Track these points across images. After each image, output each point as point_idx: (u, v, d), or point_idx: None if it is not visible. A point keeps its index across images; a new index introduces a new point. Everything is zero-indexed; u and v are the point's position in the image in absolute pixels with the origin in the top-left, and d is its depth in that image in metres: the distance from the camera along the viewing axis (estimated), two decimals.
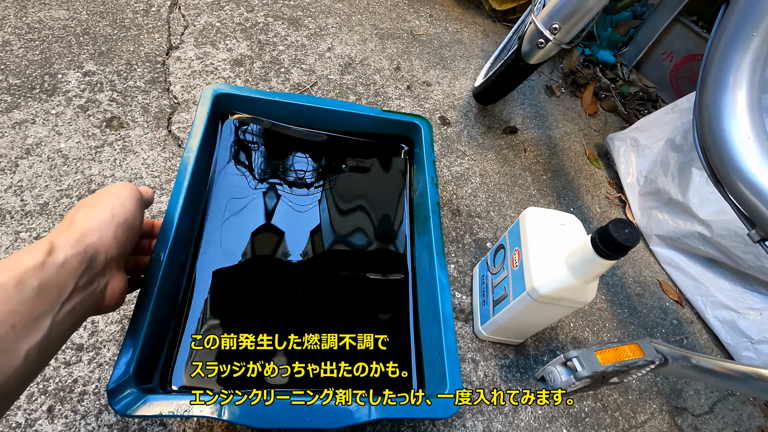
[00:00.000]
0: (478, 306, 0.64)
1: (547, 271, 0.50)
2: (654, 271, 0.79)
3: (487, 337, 0.62)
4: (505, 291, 0.57)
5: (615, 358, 0.45)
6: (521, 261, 0.54)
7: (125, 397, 0.38)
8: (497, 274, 0.61)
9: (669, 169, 0.78)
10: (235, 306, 0.52)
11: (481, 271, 0.67)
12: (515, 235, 0.58)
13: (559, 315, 0.54)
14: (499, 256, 0.61)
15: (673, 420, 0.64)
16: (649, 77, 1.10)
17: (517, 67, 0.70)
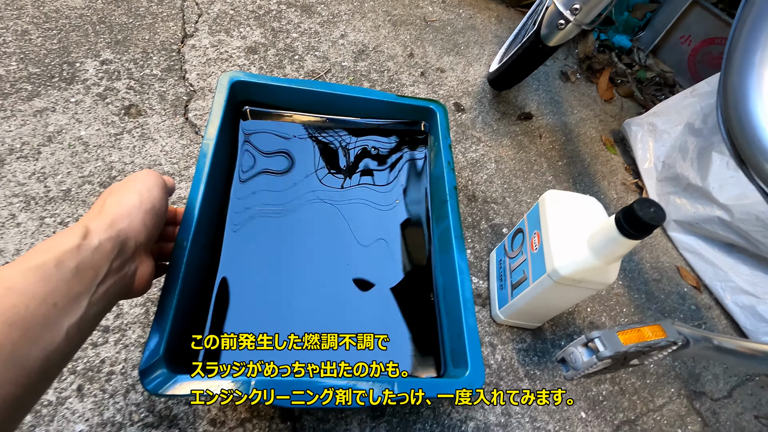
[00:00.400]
0: (496, 290, 0.65)
1: (568, 252, 0.50)
2: (672, 256, 0.79)
3: (505, 320, 0.62)
4: (524, 274, 0.57)
5: (637, 339, 0.44)
6: (541, 244, 0.54)
7: (156, 378, 0.39)
8: (515, 257, 0.61)
9: (688, 153, 0.77)
10: (259, 293, 0.53)
11: (498, 255, 0.67)
12: (534, 219, 0.57)
13: (580, 297, 0.54)
14: (518, 240, 0.61)
15: (691, 404, 0.64)
16: (666, 62, 1.09)
17: (535, 50, 0.69)
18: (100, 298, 0.31)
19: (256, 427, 0.51)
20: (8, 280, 0.27)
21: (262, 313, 0.52)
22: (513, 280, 0.60)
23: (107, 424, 0.48)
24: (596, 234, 0.47)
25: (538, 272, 0.53)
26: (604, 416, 0.60)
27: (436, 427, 0.54)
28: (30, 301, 0.26)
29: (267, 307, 0.52)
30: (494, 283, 0.66)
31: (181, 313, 0.45)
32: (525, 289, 0.56)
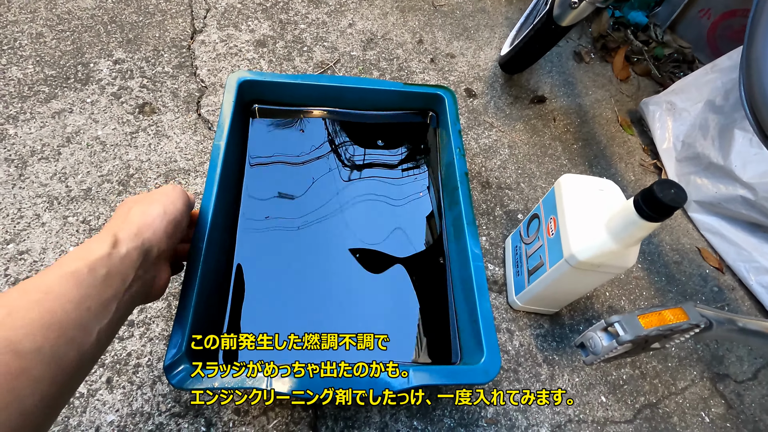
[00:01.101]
0: (512, 277, 0.64)
1: (586, 236, 0.49)
2: (693, 238, 0.77)
3: (522, 306, 0.62)
4: (540, 260, 0.57)
5: (659, 322, 0.44)
6: (557, 228, 0.53)
7: (179, 372, 0.41)
8: (531, 243, 0.60)
9: (708, 132, 0.75)
10: (275, 290, 0.54)
11: (513, 242, 0.66)
12: (550, 203, 0.57)
13: (598, 282, 0.53)
14: (533, 226, 0.61)
15: (714, 386, 0.63)
16: (684, 37, 1.05)
17: (548, 31, 0.67)
18: (125, 303, 0.33)
19: (278, 415, 0.52)
20: (46, 285, 0.28)
21: (279, 309, 0.53)
22: (529, 266, 0.60)
23: (136, 414, 0.50)
24: (614, 217, 0.46)
25: (555, 257, 0.53)
26: (625, 400, 0.59)
27: (455, 414, 0.55)
28: (66, 304, 0.28)
29: (283, 304, 0.53)
30: (510, 270, 0.66)
31: (201, 310, 0.46)
32: (542, 275, 0.56)
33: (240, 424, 0.51)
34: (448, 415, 0.55)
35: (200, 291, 0.45)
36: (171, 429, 0.49)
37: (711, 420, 0.60)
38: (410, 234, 0.60)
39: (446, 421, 0.54)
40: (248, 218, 0.58)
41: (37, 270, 0.57)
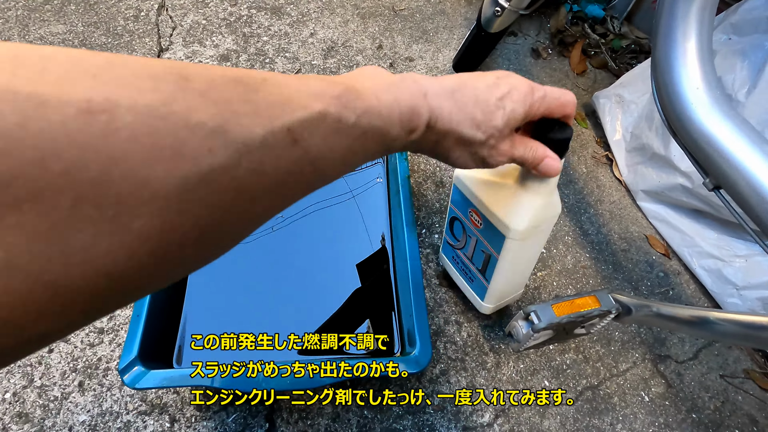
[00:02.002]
0: (469, 288, 0.62)
1: (512, 207, 0.47)
2: (641, 226, 0.80)
3: (495, 307, 0.61)
4: (484, 253, 0.56)
5: (570, 310, 0.47)
6: (483, 217, 0.52)
7: (133, 373, 0.45)
8: (465, 245, 0.60)
9: (653, 122, 0.78)
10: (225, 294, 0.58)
11: (447, 255, 0.64)
12: (461, 200, 0.55)
13: (544, 240, 0.53)
14: (457, 229, 0.59)
15: (655, 367, 0.66)
16: (641, 28, 1.07)
17: (480, 38, 0.70)
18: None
19: (237, 409, 0.56)
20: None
21: (228, 314, 0.57)
22: (478, 265, 0.59)
23: (106, 414, 0.54)
24: (525, 175, 0.45)
25: (496, 242, 0.52)
26: (567, 383, 0.63)
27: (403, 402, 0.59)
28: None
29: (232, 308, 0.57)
30: (463, 282, 0.63)
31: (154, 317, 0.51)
32: (495, 265, 0.54)
33: (201, 419, 0.55)
34: (396, 404, 0.59)
35: (153, 298, 0.50)
36: (138, 426, 0.54)
37: (651, 399, 0.63)
38: (359, 233, 0.64)
39: (395, 409, 0.58)
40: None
41: None
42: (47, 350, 0.58)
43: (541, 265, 0.73)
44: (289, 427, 0.56)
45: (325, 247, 0.63)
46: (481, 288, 0.60)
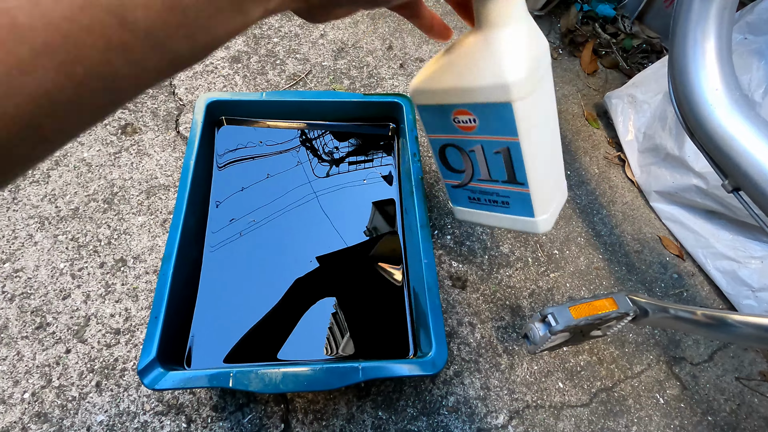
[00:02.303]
0: (510, 215, 0.48)
1: (495, 61, 0.36)
2: (654, 227, 0.79)
3: (552, 216, 0.48)
4: (501, 155, 0.42)
5: (588, 312, 0.47)
6: (473, 107, 0.40)
7: (152, 374, 0.46)
8: (475, 167, 0.46)
9: (666, 123, 0.77)
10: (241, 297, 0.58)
11: (462, 202, 0.51)
12: (438, 114, 0.43)
13: (553, 94, 0.43)
14: (453, 157, 0.46)
15: (670, 369, 0.66)
16: (652, 27, 1.06)
17: None
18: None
19: (252, 410, 0.56)
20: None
21: (242, 312, 0.57)
22: (503, 177, 0.44)
23: (123, 414, 0.55)
24: (481, 16, 0.36)
25: (506, 124, 0.39)
26: (582, 385, 0.63)
27: (418, 403, 0.59)
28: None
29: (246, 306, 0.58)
30: (500, 216, 0.49)
31: (171, 318, 0.51)
32: (522, 156, 0.41)
33: (218, 420, 0.56)
34: (411, 405, 0.59)
35: (170, 300, 0.50)
36: (155, 426, 0.55)
37: (666, 401, 0.63)
38: (372, 233, 0.64)
39: (409, 410, 0.58)
40: (214, 230, 0.63)
41: (32, 286, 0.62)
42: (65, 350, 0.58)
43: (554, 266, 0.73)
44: (304, 428, 0.56)
45: (325, 239, 0.63)
46: (523, 202, 0.45)
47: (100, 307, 0.62)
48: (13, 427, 0.53)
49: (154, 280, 0.64)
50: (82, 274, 0.64)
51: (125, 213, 0.70)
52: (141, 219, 0.70)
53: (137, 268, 0.65)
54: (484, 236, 0.74)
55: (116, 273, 0.65)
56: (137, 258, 0.66)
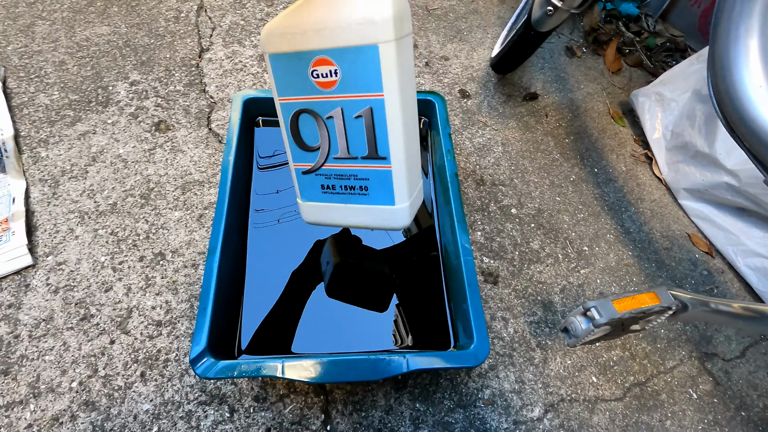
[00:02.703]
0: (368, 204, 0.45)
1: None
2: (683, 224, 0.80)
3: (412, 205, 0.46)
4: (363, 118, 0.39)
5: (632, 306, 0.48)
6: (334, 53, 0.36)
7: (203, 364, 0.47)
8: (331, 137, 0.41)
9: (696, 121, 0.78)
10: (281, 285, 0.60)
11: (312, 194, 0.47)
12: (294, 65, 0.39)
13: (412, 51, 0.41)
14: (307, 125, 0.41)
15: (702, 365, 0.66)
16: (676, 26, 1.06)
17: (528, 37, 0.71)
18: None
19: (293, 401, 0.57)
20: None
21: (286, 305, 0.58)
22: (362, 148, 0.41)
23: (168, 403, 0.56)
24: None
25: (370, 75, 0.37)
26: (615, 380, 0.63)
27: (454, 396, 0.60)
28: None
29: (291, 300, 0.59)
30: (357, 209, 0.46)
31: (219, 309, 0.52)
32: (386, 119, 0.38)
33: (259, 410, 0.57)
34: (448, 398, 0.60)
35: (218, 291, 0.51)
36: (199, 415, 0.56)
37: (699, 396, 0.64)
38: (411, 231, 0.65)
39: (446, 402, 0.59)
40: (257, 222, 0.64)
41: (74, 279, 0.64)
42: (109, 341, 0.60)
43: (584, 262, 0.73)
44: (344, 419, 0.57)
45: (362, 235, 0.64)
46: (384, 184, 0.41)
47: (141, 299, 0.63)
48: (63, 414, 0.55)
49: (192, 273, 0.66)
50: (122, 268, 0.65)
51: (162, 208, 0.71)
52: (177, 214, 0.71)
53: (176, 261, 0.67)
54: (514, 232, 0.75)
55: (155, 266, 0.66)
56: (175, 252, 0.67)
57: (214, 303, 0.52)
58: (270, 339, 0.56)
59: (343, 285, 0.59)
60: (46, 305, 0.62)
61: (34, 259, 0.65)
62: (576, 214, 0.79)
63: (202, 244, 0.68)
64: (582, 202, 0.80)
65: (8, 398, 0.55)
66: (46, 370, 0.57)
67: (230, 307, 0.57)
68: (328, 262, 0.60)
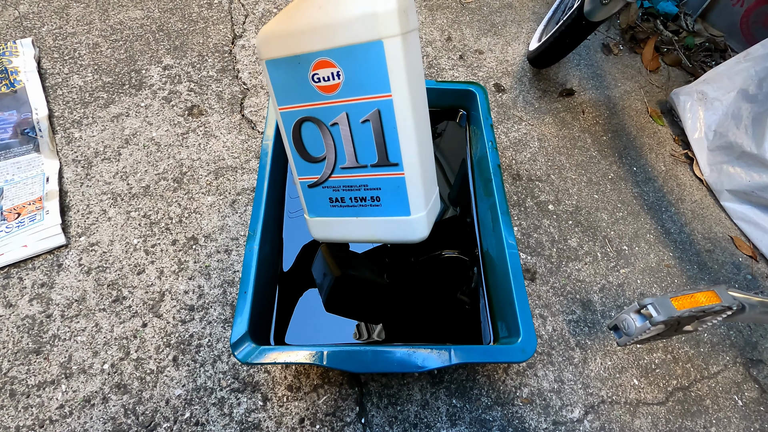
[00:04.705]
0: (381, 216, 0.42)
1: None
2: (725, 227, 0.77)
3: (429, 214, 0.43)
4: (371, 122, 0.37)
5: (691, 304, 0.46)
6: (337, 54, 0.34)
7: (244, 349, 0.45)
8: (337, 145, 0.39)
9: (742, 121, 0.75)
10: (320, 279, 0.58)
11: (320, 208, 0.45)
12: (293, 71, 0.36)
13: (419, 47, 0.39)
14: (310, 134, 0.39)
15: (747, 371, 0.64)
16: (716, 26, 1.04)
17: (578, 27, 0.69)
18: None
19: (327, 392, 0.56)
20: None
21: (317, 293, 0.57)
22: (372, 156, 0.38)
23: (201, 389, 0.55)
24: None
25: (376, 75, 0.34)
26: (657, 383, 0.61)
27: (491, 393, 0.58)
28: None
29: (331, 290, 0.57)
30: (369, 222, 0.43)
31: (260, 294, 0.51)
32: (395, 122, 0.36)
33: (293, 399, 0.55)
34: (485, 394, 0.58)
35: (257, 276, 0.50)
36: (232, 402, 0.54)
37: (744, 404, 0.61)
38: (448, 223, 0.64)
39: (483, 399, 0.57)
40: (291, 210, 0.63)
41: (107, 260, 0.63)
42: (141, 324, 0.59)
43: (623, 262, 0.71)
44: (379, 412, 0.55)
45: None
46: (397, 193, 0.38)
47: (174, 283, 0.62)
48: (95, 396, 0.54)
49: (225, 259, 0.65)
50: (155, 251, 0.65)
51: (195, 192, 0.70)
52: (210, 199, 0.70)
53: (208, 246, 0.66)
54: (551, 229, 0.73)
55: (188, 251, 0.65)
56: (208, 237, 0.66)
57: (254, 288, 0.50)
58: (304, 328, 0.54)
59: (343, 299, 0.57)
60: (78, 285, 0.61)
61: (67, 239, 0.64)
62: (615, 212, 0.76)
63: (235, 229, 0.67)
64: (621, 201, 0.78)
65: (40, 378, 0.54)
66: (78, 350, 0.56)
67: (267, 294, 0.56)
68: (325, 275, 0.56)
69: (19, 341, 0.56)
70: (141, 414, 0.53)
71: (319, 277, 0.58)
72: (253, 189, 0.71)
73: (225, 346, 0.58)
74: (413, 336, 0.55)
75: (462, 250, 0.62)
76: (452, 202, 0.65)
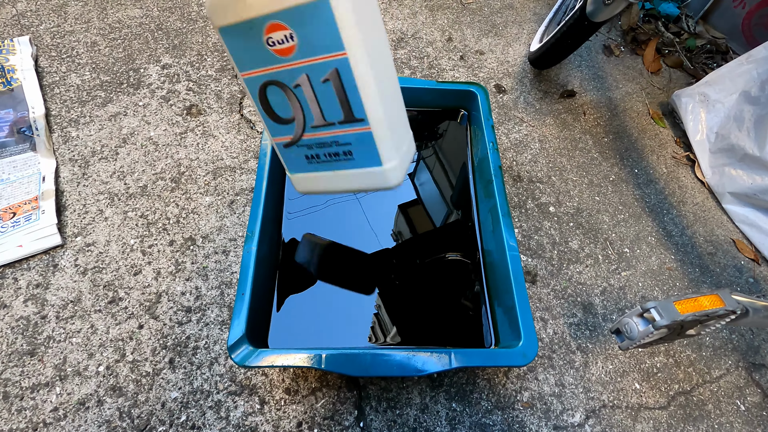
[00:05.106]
0: (354, 169, 0.42)
1: None
2: (727, 229, 0.77)
3: (401, 164, 0.42)
4: (331, 81, 0.36)
5: (694, 308, 0.45)
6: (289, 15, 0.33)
7: (242, 352, 0.45)
8: (304, 104, 0.38)
9: (744, 123, 0.75)
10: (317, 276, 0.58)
11: (298, 166, 0.44)
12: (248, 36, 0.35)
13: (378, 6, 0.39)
14: (276, 98, 0.38)
15: (750, 376, 0.63)
16: (717, 28, 1.03)
17: (580, 27, 0.69)
18: None
19: (325, 395, 0.55)
20: None
21: (319, 297, 0.56)
22: (337, 113, 0.38)
23: (197, 392, 0.54)
24: None
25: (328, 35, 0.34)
26: (659, 387, 0.61)
27: (492, 397, 0.57)
28: None
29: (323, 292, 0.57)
30: (346, 176, 0.42)
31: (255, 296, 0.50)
32: (354, 77, 0.35)
33: (291, 403, 0.55)
34: (485, 398, 0.57)
35: (255, 277, 0.49)
36: (229, 406, 0.54)
37: (747, 408, 0.61)
38: (447, 224, 0.63)
39: (483, 403, 0.57)
40: (290, 211, 0.62)
41: (103, 261, 0.62)
42: (137, 326, 0.58)
43: (625, 264, 0.71)
44: (378, 416, 0.55)
45: (398, 228, 0.62)
46: (367, 146, 0.39)
47: (171, 284, 0.61)
48: (89, 399, 0.53)
49: (223, 260, 0.64)
50: (152, 251, 0.64)
51: (192, 192, 0.70)
52: (208, 199, 0.69)
53: (206, 247, 0.65)
54: (552, 231, 0.72)
55: (185, 251, 0.64)
56: (206, 237, 0.66)
57: (252, 290, 0.50)
58: (301, 331, 0.54)
59: (332, 266, 0.58)
60: (74, 286, 0.60)
61: (63, 239, 0.63)
62: (616, 214, 0.76)
63: (233, 230, 0.67)
64: (622, 203, 0.77)
65: (34, 380, 0.54)
66: (73, 352, 0.56)
67: (265, 296, 0.55)
68: (312, 249, 0.59)
69: (13, 343, 0.55)
70: (136, 417, 0.52)
71: (307, 255, 0.57)
72: (251, 189, 0.71)
73: (222, 349, 0.57)
74: (414, 338, 0.54)
75: (464, 252, 0.61)
76: (453, 204, 0.65)
